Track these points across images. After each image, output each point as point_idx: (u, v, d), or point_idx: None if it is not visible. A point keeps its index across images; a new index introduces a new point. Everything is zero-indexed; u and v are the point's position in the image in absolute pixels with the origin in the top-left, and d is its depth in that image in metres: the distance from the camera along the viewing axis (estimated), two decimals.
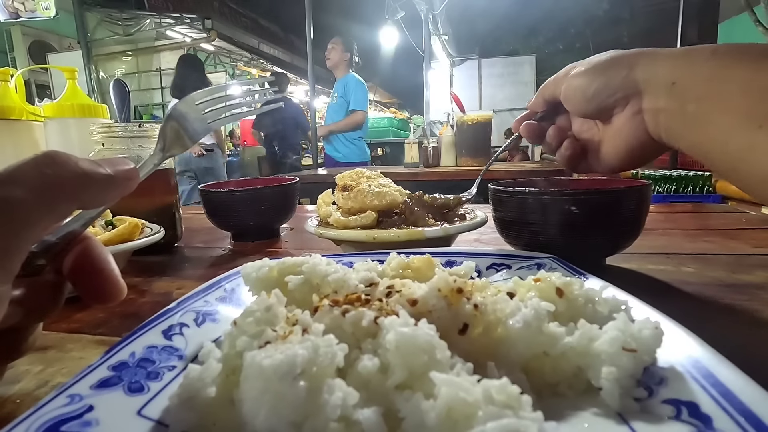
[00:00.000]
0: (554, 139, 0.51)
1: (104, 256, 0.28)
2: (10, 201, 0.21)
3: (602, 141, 0.48)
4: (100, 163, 0.25)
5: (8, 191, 0.21)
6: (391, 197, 0.59)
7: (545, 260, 0.43)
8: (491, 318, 0.25)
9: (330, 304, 0.25)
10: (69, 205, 0.24)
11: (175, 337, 0.30)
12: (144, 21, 5.63)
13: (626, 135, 0.43)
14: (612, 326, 0.24)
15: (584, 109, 0.46)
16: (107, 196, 0.26)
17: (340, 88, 3.24)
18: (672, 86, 0.37)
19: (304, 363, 0.19)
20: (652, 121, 0.40)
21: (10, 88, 0.79)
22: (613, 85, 0.42)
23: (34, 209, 0.22)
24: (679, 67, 0.37)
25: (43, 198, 0.22)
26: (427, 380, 0.20)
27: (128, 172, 0.27)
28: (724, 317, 0.40)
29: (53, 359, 0.36)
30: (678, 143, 0.39)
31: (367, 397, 0.20)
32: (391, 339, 0.21)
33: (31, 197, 0.22)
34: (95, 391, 0.22)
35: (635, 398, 0.22)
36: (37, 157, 0.23)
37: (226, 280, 0.40)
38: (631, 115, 0.42)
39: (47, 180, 0.22)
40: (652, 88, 0.39)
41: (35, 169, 0.22)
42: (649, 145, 0.43)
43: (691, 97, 0.36)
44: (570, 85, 0.46)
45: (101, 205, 0.27)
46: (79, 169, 0.24)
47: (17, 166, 0.22)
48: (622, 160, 0.46)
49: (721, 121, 0.34)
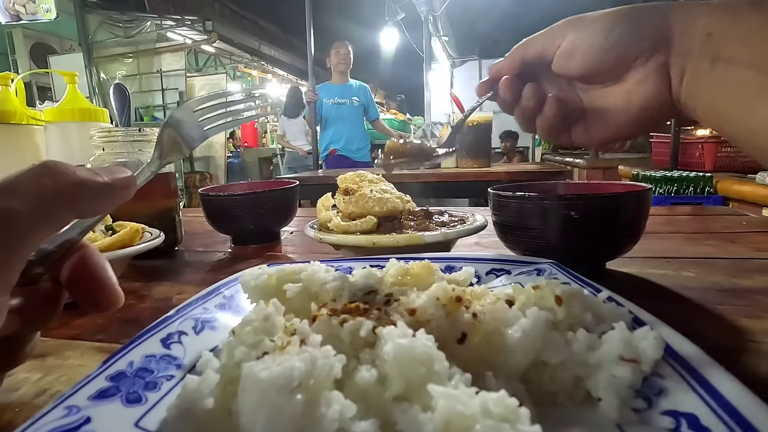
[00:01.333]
0: (532, 98, 0.43)
1: (101, 264, 0.28)
2: (9, 212, 0.21)
3: (599, 106, 0.42)
4: (98, 172, 0.25)
5: (7, 203, 0.21)
6: (393, 204, 0.59)
7: (545, 266, 0.43)
8: (490, 327, 0.25)
9: (328, 314, 0.25)
10: (67, 215, 0.24)
11: (173, 346, 0.30)
12: (145, 23, 5.65)
13: (644, 93, 0.37)
14: (611, 336, 0.24)
15: (596, 62, 0.39)
16: (105, 204, 0.26)
17: (356, 93, 3.43)
18: (707, 37, 0.33)
19: (302, 376, 0.19)
20: (677, 76, 0.35)
21: (10, 93, 0.79)
22: (642, 30, 0.36)
23: (33, 220, 0.22)
24: (717, 17, 0.33)
25: (42, 208, 0.22)
26: (425, 392, 0.20)
27: (125, 180, 0.27)
28: (724, 324, 0.40)
29: (52, 366, 0.36)
30: (696, 105, 0.35)
31: (365, 408, 0.20)
32: (389, 350, 0.21)
33: (30, 208, 0.22)
34: (93, 402, 0.22)
35: (634, 409, 0.22)
36: (35, 168, 0.23)
37: (225, 286, 0.40)
38: (656, 68, 0.36)
39: (45, 190, 0.22)
40: (686, 37, 0.34)
41: (33, 180, 0.22)
42: (665, 106, 0.37)
43: (725, 51, 0.32)
44: (581, 34, 0.39)
45: (99, 214, 0.27)
46: (77, 179, 0.24)
47: (15, 177, 0.22)
48: (626, 126, 0.41)
49: (752, 82, 0.31)
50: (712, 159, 2.62)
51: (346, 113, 3.44)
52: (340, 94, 3.41)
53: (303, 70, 7.26)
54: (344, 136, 3.46)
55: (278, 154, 6.35)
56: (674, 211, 1.07)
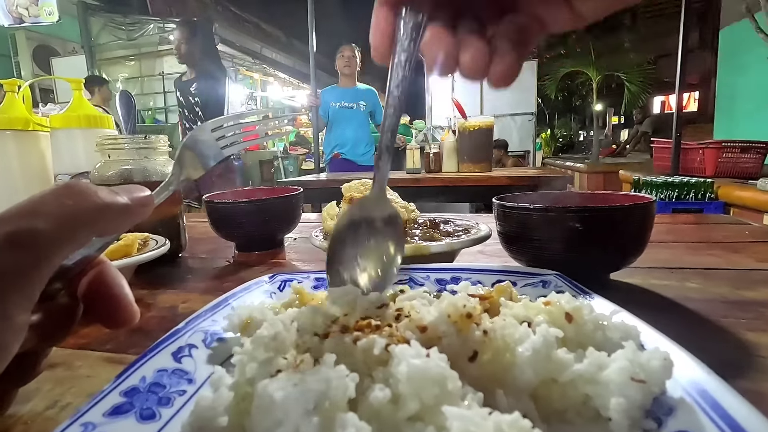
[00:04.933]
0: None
1: (118, 281, 0.28)
2: (33, 233, 0.22)
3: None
4: (118, 192, 0.26)
5: (31, 223, 0.22)
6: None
7: (550, 277, 0.43)
8: (500, 344, 0.26)
9: (340, 331, 0.26)
10: (88, 235, 0.24)
11: (184, 360, 0.30)
12: (147, 26, 5.68)
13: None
14: (621, 355, 0.24)
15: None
16: (124, 224, 0.27)
17: (364, 97, 3.42)
18: None
19: (317, 397, 0.19)
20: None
21: (17, 99, 0.79)
22: None
23: (56, 240, 0.22)
24: None
25: (64, 229, 0.23)
26: (439, 412, 0.20)
27: (144, 200, 0.27)
28: (729, 338, 0.40)
29: (62, 378, 0.36)
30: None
31: (378, 428, 0.21)
32: (403, 371, 0.21)
33: (53, 228, 0.22)
34: (108, 419, 0.22)
35: (644, 430, 0.22)
36: (58, 189, 0.24)
37: (233, 297, 0.41)
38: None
39: (68, 211, 0.23)
40: None
41: (56, 200, 0.23)
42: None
43: None
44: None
45: (118, 233, 0.28)
46: (99, 200, 0.24)
47: (39, 198, 0.23)
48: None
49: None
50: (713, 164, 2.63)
51: (353, 117, 3.44)
52: (348, 97, 3.41)
53: (305, 73, 7.28)
54: (350, 140, 3.45)
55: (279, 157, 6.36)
56: (676, 219, 1.08)
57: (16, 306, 0.21)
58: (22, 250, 0.21)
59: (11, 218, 0.22)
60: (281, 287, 0.45)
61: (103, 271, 0.28)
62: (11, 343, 0.22)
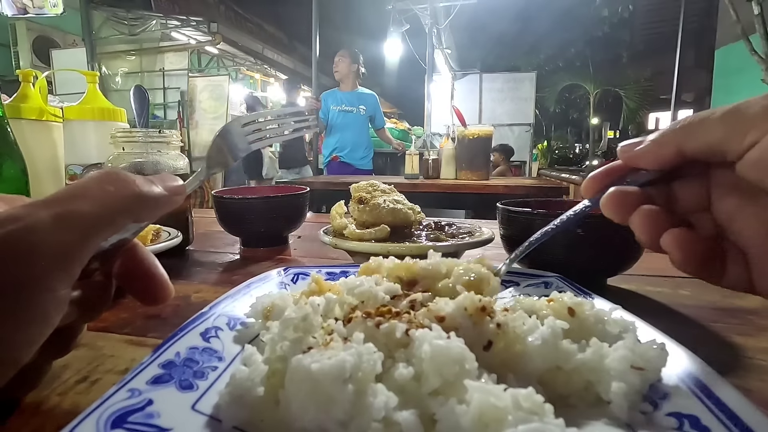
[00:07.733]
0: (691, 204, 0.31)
1: (152, 261, 0.30)
2: (78, 214, 0.23)
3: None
4: (153, 181, 0.28)
5: (76, 205, 0.24)
6: (405, 215, 0.61)
7: (552, 279, 0.45)
8: (511, 335, 0.28)
9: (363, 316, 0.28)
10: (126, 220, 0.26)
11: (212, 340, 0.32)
12: (150, 21, 5.67)
13: None
14: (621, 345, 0.27)
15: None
16: (159, 211, 0.29)
17: (364, 101, 3.45)
18: None
19: (352, 368, 0.21)
20: None
21: (32, 90, 0.81)
22: None
23: (97, 222, 0.24)
24: None
25: (105, 213, 0.25)
26: (459, 387, 0.22)
27: (177, 189, 0.29)
28: (719, 340, 0.43)
29: (88, 356, 0.38)
30: None
31: (404, 401, 0.23)
32: (427, 350, 0.23)
33: (95, 212, 0.24)
34: (151, 387, 0.24)
35: (642, 411, 0.24)
36: (101, 176, 0.26)
37: (250, 286, 0.42)
38: None
39: (109, 196, 0.25)
40: None
41: (99, 186, 0.25)
42: None
43: None
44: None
45: (152, 220, 0.30)
46: (137, 188, 0.26)
47: (83, 183, 0.25)
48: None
49: None
50: None
51: (353, 121, 3.46)
52: (348, 101, 3.43)
53: (305, 75, 7.31)
54: (349, 144, 3.47)
55: None
56: None
57: (60, 281, 0.23)
58: (67, 230, 0.23)
59: (59, 200, 0.24)
60: (294, 279, 0.47)
61: (138, 252, 0.30)
62: (53, 316, 0.23)
